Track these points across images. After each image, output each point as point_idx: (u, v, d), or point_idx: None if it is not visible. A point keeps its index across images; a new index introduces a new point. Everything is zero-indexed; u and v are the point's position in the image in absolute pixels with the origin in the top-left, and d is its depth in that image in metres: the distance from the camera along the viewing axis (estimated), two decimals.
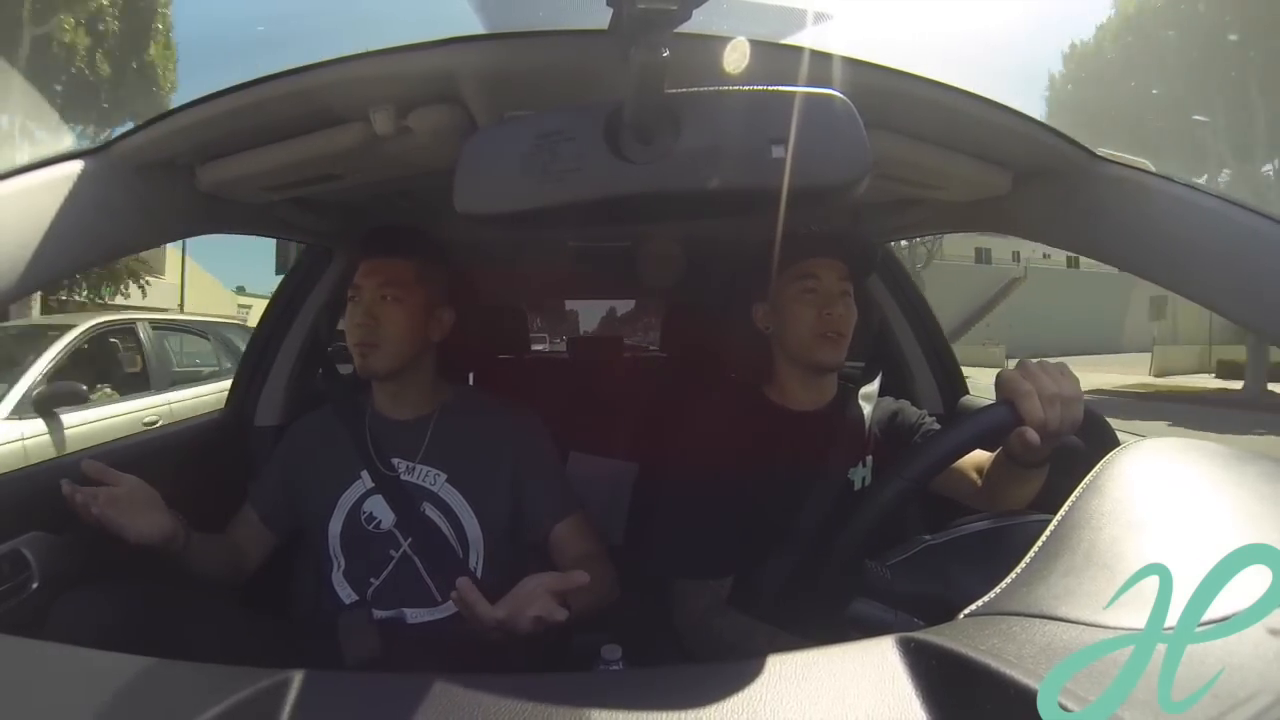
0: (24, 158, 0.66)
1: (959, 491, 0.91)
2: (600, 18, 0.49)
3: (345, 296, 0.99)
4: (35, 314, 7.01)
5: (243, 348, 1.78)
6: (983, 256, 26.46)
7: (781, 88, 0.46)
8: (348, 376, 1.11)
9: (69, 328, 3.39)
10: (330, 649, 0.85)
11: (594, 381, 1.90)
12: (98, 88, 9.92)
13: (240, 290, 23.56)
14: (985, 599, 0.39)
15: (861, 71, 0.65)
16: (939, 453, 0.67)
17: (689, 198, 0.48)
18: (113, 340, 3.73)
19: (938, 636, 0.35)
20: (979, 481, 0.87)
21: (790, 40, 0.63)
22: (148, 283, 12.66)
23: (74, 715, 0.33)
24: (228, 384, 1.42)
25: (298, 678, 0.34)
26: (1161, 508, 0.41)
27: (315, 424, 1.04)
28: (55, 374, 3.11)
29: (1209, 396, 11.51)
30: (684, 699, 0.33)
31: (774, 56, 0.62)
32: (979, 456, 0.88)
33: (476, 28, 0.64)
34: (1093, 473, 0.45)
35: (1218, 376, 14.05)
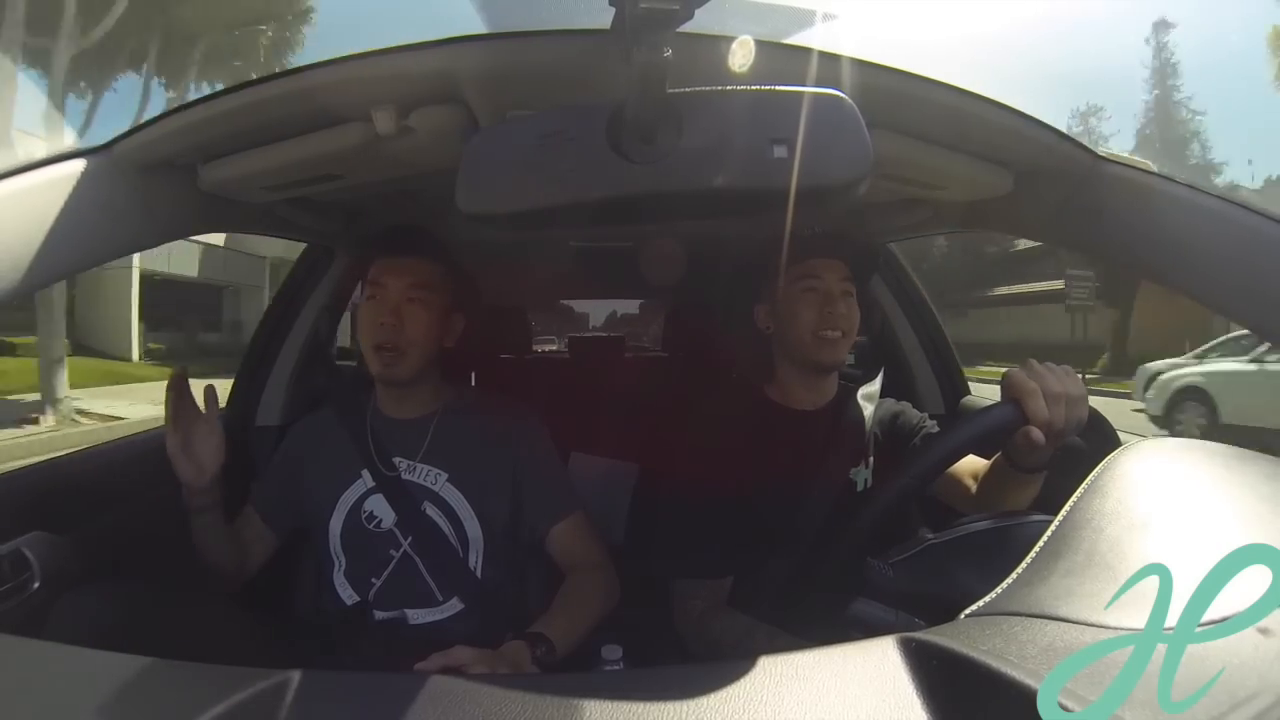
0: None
1: (953, 497, 0.90)
2: (603, 17, 0.49)
3: (346, 296, 0.98)
4: None
5: None
6: None
7: (784, 87, 0.46)
8: (349, 376, 1.11)
9: None
10: (330, 649, 0.85)
11: (595, 382, 1.90)
12: None
13: None
14: (986, 599, 0.39)
15: (863, 71, 0.65)
16: (943, 450, 0.67)
17: (691, 198, 0.48)
18: None
19: (938, 636, 0.35)
20: (973, 488, 0.87)
21: (792, 40, 0.63)
22: None
23: (74, 715, 0.33)
24: None
25: (297, 678, 0.34)
26: (1162, 508, 0.41)
27: (317, 424, 1.04)
28: None
29: None
30: (684, 699, 0.33)
31: (776, 56, 0.62)
32: (975, 464, 0.88)
33: (479, 27, 0.64)
34: (1094, 473, 0.45)
35: None
